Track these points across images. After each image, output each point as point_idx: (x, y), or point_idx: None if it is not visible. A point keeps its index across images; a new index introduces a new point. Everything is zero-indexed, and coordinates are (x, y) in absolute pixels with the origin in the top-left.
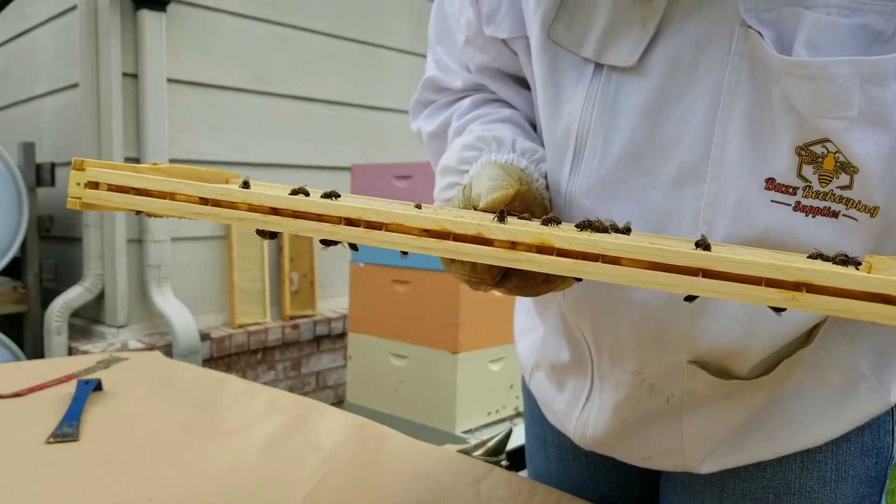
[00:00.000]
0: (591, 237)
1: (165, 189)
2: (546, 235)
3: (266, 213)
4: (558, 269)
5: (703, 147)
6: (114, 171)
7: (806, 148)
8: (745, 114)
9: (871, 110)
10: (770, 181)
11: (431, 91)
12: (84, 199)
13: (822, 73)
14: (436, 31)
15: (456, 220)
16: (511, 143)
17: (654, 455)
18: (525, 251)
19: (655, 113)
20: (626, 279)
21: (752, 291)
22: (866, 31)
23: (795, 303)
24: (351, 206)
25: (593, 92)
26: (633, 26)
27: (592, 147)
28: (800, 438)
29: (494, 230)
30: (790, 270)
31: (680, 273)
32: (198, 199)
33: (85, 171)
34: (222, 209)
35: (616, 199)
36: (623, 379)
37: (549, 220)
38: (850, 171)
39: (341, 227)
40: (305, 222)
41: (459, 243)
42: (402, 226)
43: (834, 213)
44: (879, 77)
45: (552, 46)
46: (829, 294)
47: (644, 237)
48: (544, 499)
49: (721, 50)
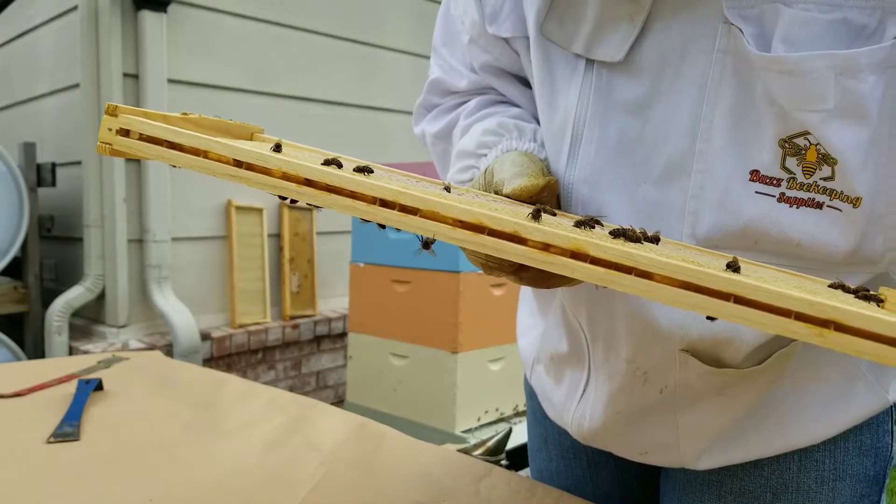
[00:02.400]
0: (627, 248)
1: (199, 146)
2: (582, 242)
3: (300, 183)
4: (590, 277)
5: (689, 141)
6: (147, 122)
7: (789, 140)
8: (729, 108)
9: (848, 103)
10: (754, 173)
11: (436, 94)
12: (115, 145)
13: (797, 68)
14: (442, 34)
15: (492, 214)
16: (532, 133)
17: (651, 450)
18: (558, 255)
19: (645, 109)
20: (657, 295)
21: (781, 323)
22: (847, 26)
23: (822, 339)
24: (387, 187)
25: (587, 86)
26: (620, 22)
27: (589, 136)
28: (797, 436)
29: (531, 230)
30: (822, 307)
31: (711, 295)
32: (232, 161)
33: (118, 117)
34: (255, 174)
35: (611, 189)
36: (617, 367)
37: (583, 222)
38: (830, 162)
39: (376, 207)
40: (339, 197)
41: (494, 238)
42: (438, 214)
43: (818, 203)
44: (853, 70)
45: (545, 42)
46: (855, 335)
47: (672, 245)
48: (543, 498)
49: (706, 46)
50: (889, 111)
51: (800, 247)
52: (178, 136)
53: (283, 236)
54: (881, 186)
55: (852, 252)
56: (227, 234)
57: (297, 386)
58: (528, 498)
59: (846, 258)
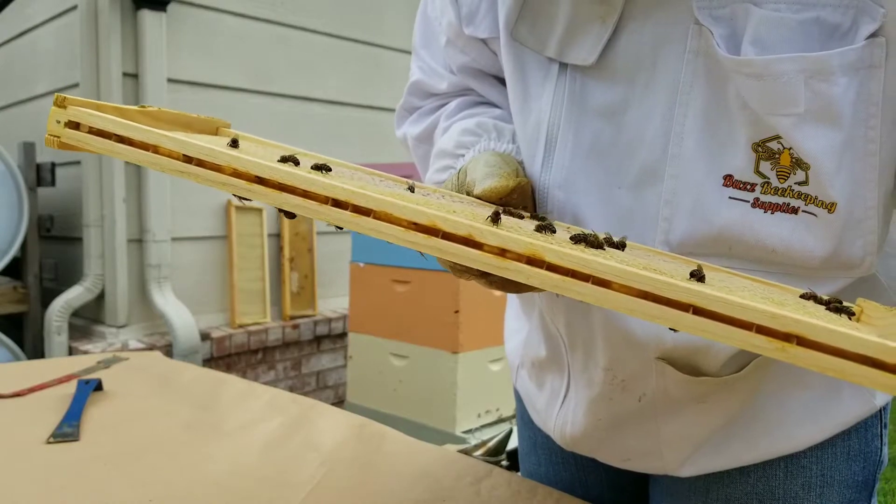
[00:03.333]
0: (584, 255)
1: (149, 140)
2: (538, 248)
3: (251, 180)
4: (546, 283)
5: (662, 146)
6: (96, 114)
7: (762, 144)
8: (701, 112)
9: (819, 106)
10: (728, 178)
11: (417, 96)
12: (63, 138)
13: (766, 71)
14: (420, 35)
15: (447, 217)
16: (511, 134)
17: (633, 457)
18: (514, 260)
19: (619, 114)
20: (613, 304)
21: (742, 336)
22: (820, 26)
23: (783, 354)
24: (340, 186)
25: (560, 90)
26: (592, 24)
27: (563, 140)
28: (783, 443)
29: (486, 234)
30: (784, 320)
31: (670, 306)
32: (182, 157)
33: (66, 108)
34: (205, 170)
35: (588, 193)
36: (595, 376)
37: (543, 226)
38: (804, 167)
39: (328, 207)
40: (290, 196)
41: (448, 242)
42: (391, 216)
43: (793, 209)
44: (824, 73)
45: (517, 46)
46: (819, 350)
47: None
48: (544, 499)
49: (677, 49)
50: (863, 114)
51: (775, 253)
52: (128, 130)
53: (283, 236)
54: (858, 191)
55: (829, 257)
56: (227, 234)
57: (297, 386)
58: (528, 499)
59: (823, 263)
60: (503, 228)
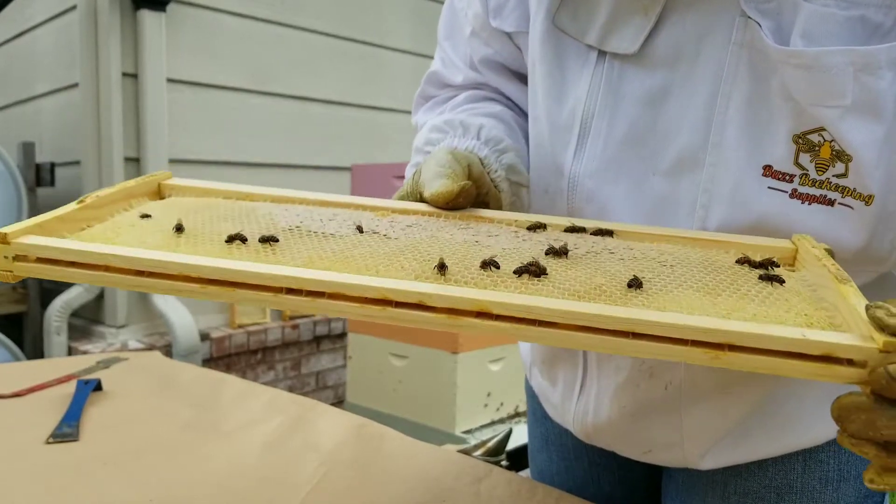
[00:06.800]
0: (527, 302)
1: (98, 262)
2: (485, 303)
3: (204, 283)
4: (498, 332)
5: (702, 134)
6: (38, 244)
7: (803, 136)
8: (744, 102)
9: (865, 99)
10: (767, 168)
11: (433, 86)
12: (16, 271)
13: (816, 63)
14: (445, 27)
15: (396, 288)
16: (477, 130)
17: (655, 449)
18: (465, 316)
19: (657, 102)
20: (563, 342)
21: (679, 352)
22: (864, 24)
23: (717, 361)
24: (290, 275)
25: (598, 78)
26: (635, 15)
27: (598, 129)
28: (802, 436)
29: (435, 299)
30: (715, 333)
31: (611, 335)
32: (134, 272)
33: (10, 244)
34: (159, 280)
35: (618, 182)
36: (623, 361)
37: (487, 263)
38: (844, 159)
39: (283, 296)
40: (246, 292)
41: (401, 310)
42: (344, 295)
43: (830, 201)
44: (872, 67)
45: (557, 33)
46: (750, 352)
47: (583, 246)
48: (544, 498)
49: (721, 40)
50: None
51: None
52: (73, 255)
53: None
54: (892, 185)
55: (861, 250)
56: None
57: (296, 386)
58: (528, 498)
59: (855, 256)
60: (450, 281)
